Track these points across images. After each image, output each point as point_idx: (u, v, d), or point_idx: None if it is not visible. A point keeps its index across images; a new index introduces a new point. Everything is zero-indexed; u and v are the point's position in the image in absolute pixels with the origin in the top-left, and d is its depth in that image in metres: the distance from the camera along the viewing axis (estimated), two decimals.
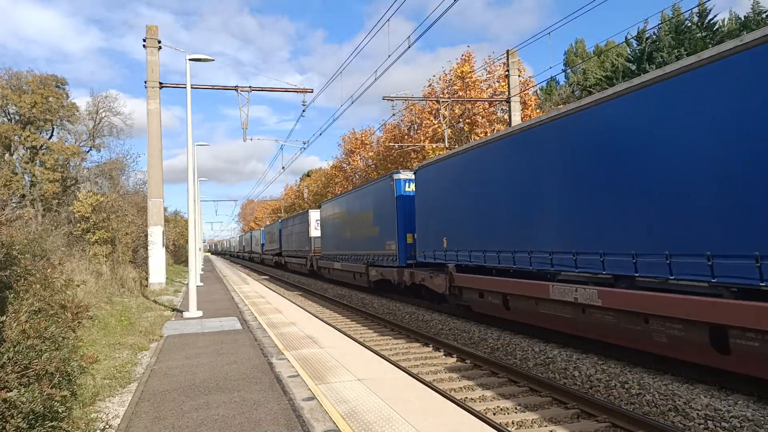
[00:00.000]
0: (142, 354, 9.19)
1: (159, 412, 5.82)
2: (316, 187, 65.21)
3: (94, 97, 31.60)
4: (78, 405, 5.37)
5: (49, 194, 27.63)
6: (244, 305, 16.16)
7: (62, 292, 5.93)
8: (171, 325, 12.32)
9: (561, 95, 50.46)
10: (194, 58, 14.72)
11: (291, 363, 7.98)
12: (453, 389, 8.31)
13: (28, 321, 4.47)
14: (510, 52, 24.31)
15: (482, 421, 5.92)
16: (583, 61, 55.15)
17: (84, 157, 31.54)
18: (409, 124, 38.39)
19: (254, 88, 21.70)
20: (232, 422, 5.39)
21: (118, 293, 17.31)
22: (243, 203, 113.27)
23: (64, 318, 5.24)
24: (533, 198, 10.60)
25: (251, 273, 43.81)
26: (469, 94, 32.00)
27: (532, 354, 9.89)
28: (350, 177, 49.97)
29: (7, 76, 28.51)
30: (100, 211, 21.16)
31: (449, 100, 28.47)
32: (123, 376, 7.49)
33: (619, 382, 7.76)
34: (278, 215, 73.02)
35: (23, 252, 5.93)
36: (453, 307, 14.98)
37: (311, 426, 5.20)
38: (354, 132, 50.53)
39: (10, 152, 29.15)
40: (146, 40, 20.25)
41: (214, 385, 6.87)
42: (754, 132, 6.32)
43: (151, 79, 20.22)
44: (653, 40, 42.14)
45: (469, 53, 34.02)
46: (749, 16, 40.98)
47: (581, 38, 68.65)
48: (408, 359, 10.54)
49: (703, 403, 6.57)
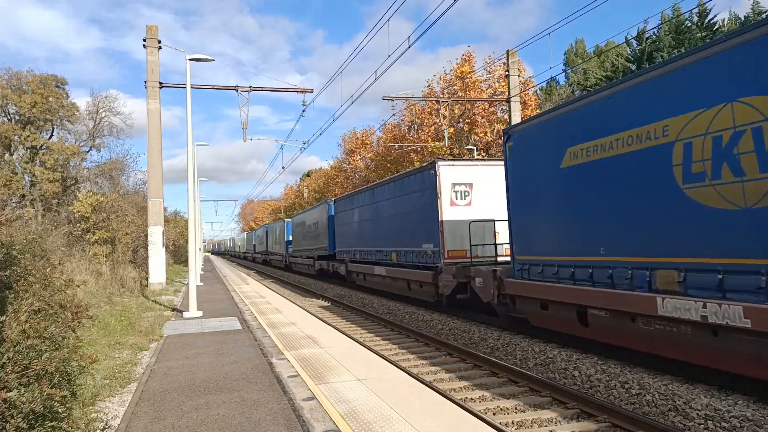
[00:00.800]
0: (142, 354, 9.19)
1: (159, 412, 5.82)
2: (316, 187, 65.25)
3: (94, 97, 31.65)
4: (78, 405, 5.37)
5: (49, 194, 27.62)
6: (244, 305, 16.16)
7: (62, 291, 5.92)
8: (171, 325, 12.32)
9: (561, 95, 50.45)
10: (194, 58, 14.73)
11: (291, 363, 7.98)
12: (453, 389, 8.31)
13: (28, 321, 4.48)
14: (510, 52, 24.30)
15: (482, 421, 5.92)
16: (583, 61, 55.14)
17: (84, 157, 31.56)
18: (409, 124, 38.39)
19: (254, 88, 21.70)
20: (232, 422, 5.39)
21: (118, 293, 17.31)
22: (243, 203, 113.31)
23: (64, 318, 5.24)
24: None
25: (251, 273, 43.81)
26: (469, 94, 31.99)
27: (532, 354, 9.89)
28: (350, 177, 49.94)
29: (7, 76, 28.54)
30: (100, 211, 21.18)
31: (449, 100, 28.47)
32: (123, 376, 7.49)
33: (619, 382, 7.76)
34: (278, 215, 73.05)
35: (23, 252, 5.93)
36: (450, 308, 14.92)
37: (311, 426, 5.20)
38: (355, 132, 50.56)
39: (10, 152, 29.15)
40: (146, 40, 20.25)
41: (214, 385, 6.87)
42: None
43: (151, 79, 20.21)
44: (653, 40, 42.16)
45: (469, 53, 34.02)
46: (749, 16, 40.98)
47: (581, 38, 68.75)
48: (408, 359, 10.54)
49: (703, 403, 6.56)
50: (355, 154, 48.49)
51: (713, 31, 41.18)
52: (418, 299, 16.91)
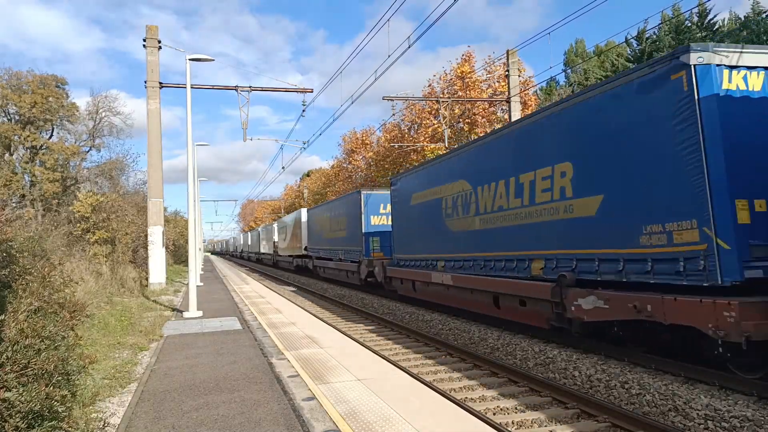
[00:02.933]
0: (142, 354, 9.18)
1: (159, 412, 5.81)
2: (315, 187, 65.22)
3: (94, 97, 31.61)
4: (78, 405, 5.36)
5: (49, 194, 27.62)
6: (244, 305, 16.15)
7: (61, 291, 5.92)
8: (171, 325, 12.31)
9: (561, 95, 50.43)
10: (194, 58, 14.72)
11: (291, 363, 7.97)
12: (453, 389, 8.30)
13: (26, 320, 4.47)
14: (510, 52, 24.30)
15: (482, 421, 5.91)
16: (583, 61, 55.13)
17: (84, 157, 31.57)
18: (409, 124, 38.37)
19: (254, 88, 21.69)
20: (232, 422, 5.38)
21: (118, 293, 17.30)
22: (243, 203, 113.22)
23: (63, 317, 5.23)
24: None
25: (251, 273, 43.80)
26: (469, 94, 31.97)
27: (532, 354, 9.88)
28: (351, 177, 49.91)
29: (7, 76, 28.55)
30: (100, 211, 21.16)
31: (449, 100, 28.45)
32: (123, 376, 7.48)
33: (619, 382, 7.75)
34: (278, 215, 73.06)
35: (22, 251, 5.92)
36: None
37: (311, 426, 5.20)
38: (355, 132, 50.49)
39: (10, 152, 29.15)
40: (146, 40, 20.25)
41: (214, 385, 6.87)
42: None
43: (151, 79, 20.21)
44: (653, 40, 42.16)
45: (469, 53, 33.98)
46: (749, 16, 40.96)
47: (581, 38, 68.65)
48: (408, 359, 10.53)
49: (703, 403, 6.55)
50: (355, 154, 48.47)
51: (713, 31, 41.18)
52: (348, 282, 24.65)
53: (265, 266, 55.20)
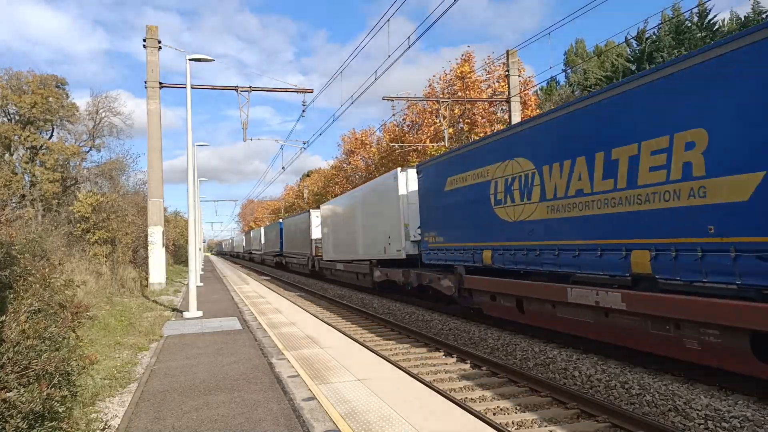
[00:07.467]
0: (142, 354, 9.19)
1: (159, 413, 5.82)
2: (316, 188, 65.22)
3: (94, 97, 31.59)
4: (78, 405, 5.36)
5: (49, 194, 27.62)
6: (244, 305, 16.15)
7: (62, 292, 5.92)
8: (171, 325, 12.32)
9: (561, 95, 50.44)
10: (194, 58, 14.72)
11: (291, 363, 7.98)
12: (453, 389, 8.30)
13: (27, 321, 4.47)
14: (510, 52, 24.30)
15: (482, 421, 5.92)
16: (583, 61, 55.14)
17: (84, 157, 31.55)
18: (410, 124, 38.37)
19: (254, 88, 21.71)
20: (232, 422, 5.39)
21: (118, 293, 17.31)
22: (243, 203, 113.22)
23: (64, 318, 5.24)
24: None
25: (251, 273, 43.81)
26: (469, 94, 31.98)
27: (532, 354, 9.88)
28: (350, 177, 49.91)
29: (7, 76, 28.52)
30: (100, 212, 21.16)
31: (449, 101, 28.46)
32: (123, 376, 7.49)
33: (619, 382, 7.75)
34: (278, 215, 73.04)
35: (23, 252, 5.93)
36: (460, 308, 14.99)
37: (311, 426, 5.20)
38: (354, 132, 50.50)
39: (10, 152, 29.15)
40: (146, 40, 20.26)
41: (214, 385, 6.87)
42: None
43: (150, 80, 20.22)
44: (653, 40, 42.16)
45: (470, 53, 33.98)
46: (749, 16, 40.96)
47: (581, 38, 68.66)
48: (408, 359, 10.54)
49: (703, 403, 6.56)
50: (355, 154, 48.47)
51: (713, 31, 41.17)
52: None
53: (265, 266, 55.57)
